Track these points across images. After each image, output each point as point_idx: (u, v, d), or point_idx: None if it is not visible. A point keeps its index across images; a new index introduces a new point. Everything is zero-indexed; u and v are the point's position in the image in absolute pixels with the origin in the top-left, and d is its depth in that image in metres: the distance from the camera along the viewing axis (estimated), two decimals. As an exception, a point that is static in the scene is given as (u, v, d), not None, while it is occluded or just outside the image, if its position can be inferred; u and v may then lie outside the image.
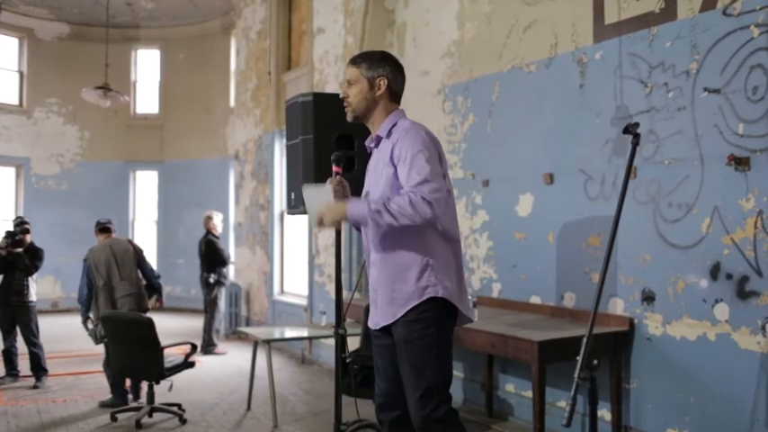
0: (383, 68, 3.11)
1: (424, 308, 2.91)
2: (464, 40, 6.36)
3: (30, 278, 7.17)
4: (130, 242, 6.75)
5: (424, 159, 2.86)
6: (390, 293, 2.96)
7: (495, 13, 5.96)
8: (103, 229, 6.75)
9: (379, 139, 3.09)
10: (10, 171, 13.78)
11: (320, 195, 2.88)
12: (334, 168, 3.06)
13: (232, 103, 12.89)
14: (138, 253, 6.63)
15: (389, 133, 3.05)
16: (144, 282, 6.62)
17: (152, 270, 6.73)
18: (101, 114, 13.43)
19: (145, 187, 14.61)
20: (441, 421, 2.90)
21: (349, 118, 3.14)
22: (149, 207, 14.37)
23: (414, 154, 2.87)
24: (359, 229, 3.20)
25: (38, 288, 7.42)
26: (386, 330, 3.05)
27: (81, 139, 14.12)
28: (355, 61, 3.14)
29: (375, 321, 3.07)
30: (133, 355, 5.59)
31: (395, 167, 2.94)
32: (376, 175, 3.05)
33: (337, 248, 3.36)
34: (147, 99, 14.65)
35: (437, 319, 2.94)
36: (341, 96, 3.14)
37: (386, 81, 3.10)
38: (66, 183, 13.97)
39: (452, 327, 3.04)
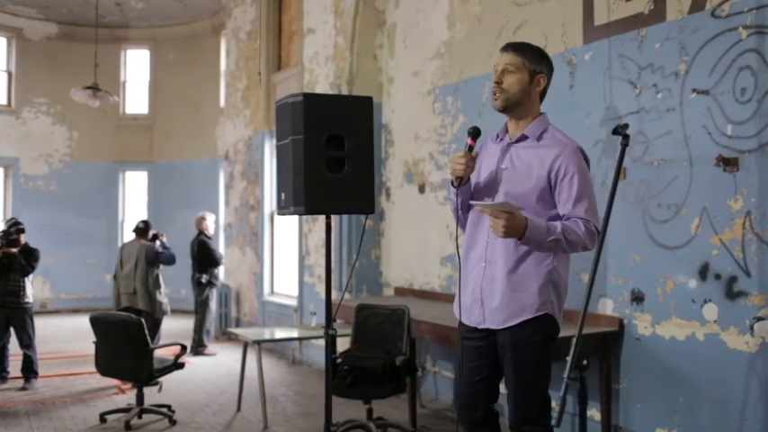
0: (545, 65, 3.05)
1: (537, 320, 2.93)
2: (454, 41, 6.37)
3: (26, 279, 7.11)
4: (148, 245, 7.78)
5: (590, 187, 2.93)
6: (508, 299, 2.93)
7: (485, 14, 5.97)
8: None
9: (523, 138, 3.02)
10: (-2, 171, 13.73)
11: (510, 208, 2.78)
12: (469, 141, 2.97)
13: (222, 103, 12.86)
14: (147, 252, 7.69)
15: (540, 137, 3.00)
16: (155, 283, 7.71)
17: (155, 255, 7.75)
18: (90, 114, 13.35)
19: (134, 188, 14.54)
20: (536, 423, 2.97)
21: (497, 106, 3.02)
22: (139, 208, 14.31)
23: (580, 180, 2.88)
24: (466, 210, 3.12)
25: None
26: (485, 332, 3.03)
27: (70, 139, 14.04)
28: (518, 49, 3.01)
29: (477, 320, 3.03)
30: (122, 357, 5.56)
31: (548, 179, 2.91)
32: (518, 172, 2.98)
33: (327, 249, 3.35)
34: (136, 99, 14.57)
35: (546, 332, 2.98)
36: (494, 81, 3.01)
37: (545, 79, 3.05)
38: (55, 183, 13.89)
39: (555, 337, 3.06)
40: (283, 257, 9.92)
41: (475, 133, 2.98)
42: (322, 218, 3.49)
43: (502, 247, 2.95)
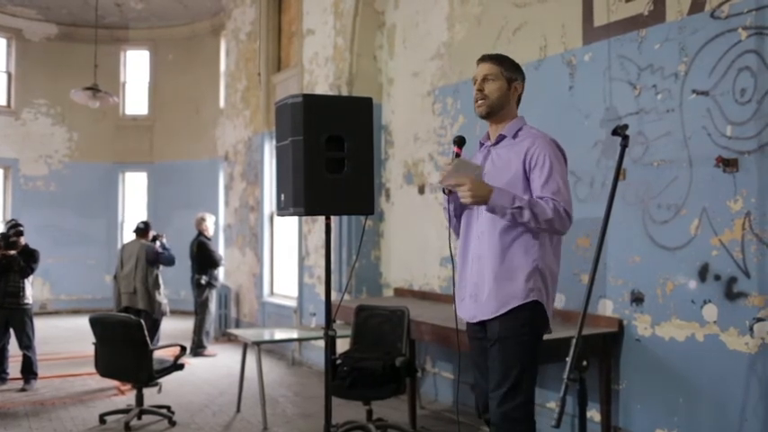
0: (519, 74, 3.25)
1: (525, 309, 3.02)
2: (454, 42, 6.37)
3: (25, 280, 7.11)
4: (149, 245, 7.84)
5: (563, 173, 3.04)
6: (496, 289, 3.04)
7: (485, 15, 5.97)
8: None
9: (501, 138, 3.20)
10: (-2, 172, 13.73)
11: (468, 169, 2.96)
12: (455, 150, 3.13)
13: (222, 104, 12.86)
14: (147, 252, 7.74)
15: (516, 135, 3.17)
16: (155, 283, 7.75)
17: (155, 255, 7.78)
18: (89, 115, 13.35)
19: (134, 188, 14.54)
20: (517, 421, 3.01)
21: (482, 112, 3.22)
22: (138, 209, 14.30)
23: (551, 165, 3.01)
24: (459, 216, 3.28)
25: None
26: (484, 327, 3.14)
27: (70, 140, 14.05)
28: (496, 59, 3.22)
29: (472, 315, 3.15)
30: (122, 358, 5.56)
31: (524, 168, 3.06)
32: (497, 169, 3.13)
33: (327, 250, 3.35)
34: (136, 100, 14.57)
35: (534, 322, 3.06)
36: (476, 89, 3.19)
37: (521, 86, 3.25)
38: (55, 184, 13.89)
39: (543, 333, 3.14)
40: (283, 258, 9.91)
41: (460, 142, 3.17)
42: (322, 219, 3.49)
43: (489, 241, 3.07)
